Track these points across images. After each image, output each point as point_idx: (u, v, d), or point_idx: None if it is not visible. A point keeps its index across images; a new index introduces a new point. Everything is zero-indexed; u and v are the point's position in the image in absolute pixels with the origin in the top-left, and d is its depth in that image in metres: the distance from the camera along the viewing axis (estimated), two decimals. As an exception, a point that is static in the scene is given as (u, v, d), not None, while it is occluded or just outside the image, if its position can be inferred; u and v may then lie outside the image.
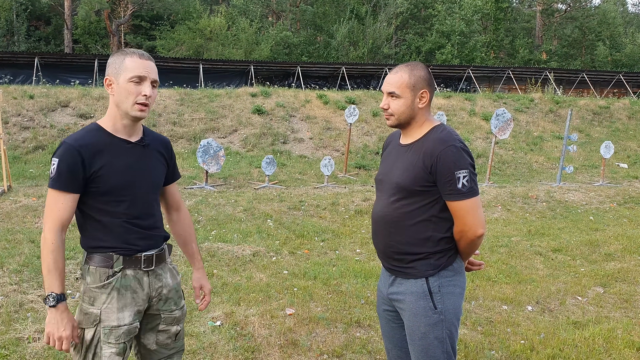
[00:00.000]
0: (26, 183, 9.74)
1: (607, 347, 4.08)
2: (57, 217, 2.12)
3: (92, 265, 2.21)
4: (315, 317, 4.45)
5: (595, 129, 18.33)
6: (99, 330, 2.18)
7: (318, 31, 35.99)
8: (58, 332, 2.12)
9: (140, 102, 2.18)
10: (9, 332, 3.96)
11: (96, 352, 2.18)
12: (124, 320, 2.20)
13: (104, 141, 2.20)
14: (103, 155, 2.17)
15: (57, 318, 2.12)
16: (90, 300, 2.20)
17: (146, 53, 2.24)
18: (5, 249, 6.00)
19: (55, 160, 2.13)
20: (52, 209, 2.13)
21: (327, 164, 10.58)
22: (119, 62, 2.19)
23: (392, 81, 2.37)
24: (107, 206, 2.19)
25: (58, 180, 2.11)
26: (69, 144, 2.13)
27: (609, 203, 9.98)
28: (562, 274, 5.97)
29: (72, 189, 2.13)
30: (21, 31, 32.10)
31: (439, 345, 2.34)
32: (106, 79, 2.22)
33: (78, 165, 2.12)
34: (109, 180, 2.17)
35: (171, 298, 2.39)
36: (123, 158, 2.22)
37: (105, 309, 2.19)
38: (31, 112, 13.93)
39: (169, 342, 2.41)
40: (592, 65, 38.44)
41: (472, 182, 2.26)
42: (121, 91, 2.18)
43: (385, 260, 2.48)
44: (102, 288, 2.20)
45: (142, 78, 2.18)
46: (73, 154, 2.11)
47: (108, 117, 2.25)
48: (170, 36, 32.30)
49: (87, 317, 2.20)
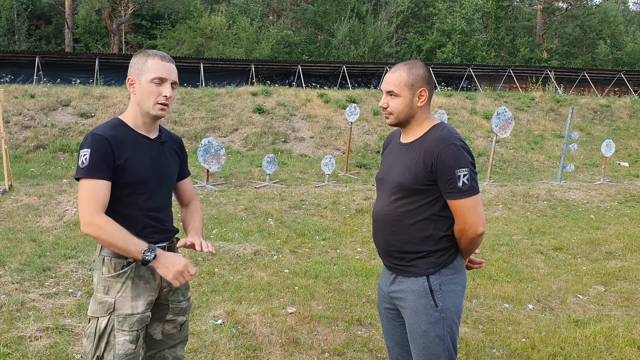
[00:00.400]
0: (27, 182, 9.74)
1: (608, 346, 4.09)
2: (97, 202, 2.16)
3: (106, 255, 2.27)
4: (317, 316, 4.46)
5: (596, 127, 18.32)
6: (113, 319, 2.24)
7: (319, 30, 35.97)
8: (178, 265, 2.19)
9: (160, 102, 2.29)
10: (10, 330, 3.97)
11: (109, 340, 2.24)
12: (137, 309, 2.27)
13: (127, 135, 2.29)
14: (127, 149, 2.26)
15: (165, 260, 2.20)
16: (105, 289, 2.26)
17: (167, 55, 2.33)
18: (6, 248, 6.01)
19: (87, 150, 2.18)
20: (90, 196, 2.16)
21: (328, 163, 10.58)
22: (141, 63, 2.30)
23: (390, 80, 2.38)
24: (128, 198, 2.26)
25: (92, 169, 2.16)
26: (98, 135, 2.20)
27: (609, 202, 9.98)
28: (563, 272, 5.98)
29: (105, 177, 2.18)
30: (22, 30, 32.10)
31: (440, 343, 2.34)
32: (128, 78, 2.33)
33: (109, 154, 2.19)
34: (133, 172, 2.25)
35: (179, 289, 2.46)
36: (144, 153, 2.32)
37: (120, 297, 2.25)
38: (32, 112, 13.94)
39: (174, 332, 2.48)
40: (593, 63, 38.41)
41: (473, 180, 2.27)
42: (143, 91, 2.29)
43: (386, 259, 2.48)
44: (117, 277, 2.25)
45: (163, 79, 2.28)
46: (104, 143, 2.18)
47: (129, 113, 2.35)
48: (171, 35, 32.31)
49: (101, 306, 2.25)
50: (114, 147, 2.21)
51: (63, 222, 7.28)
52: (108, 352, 2.24)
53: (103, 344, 2.24)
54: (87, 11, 32.41)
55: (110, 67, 23.69)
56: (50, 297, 4.66)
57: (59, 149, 12.60)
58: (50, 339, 3.86)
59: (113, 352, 2.23)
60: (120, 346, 2.24)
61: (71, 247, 6.07)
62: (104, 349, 2.24)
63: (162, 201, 2.38)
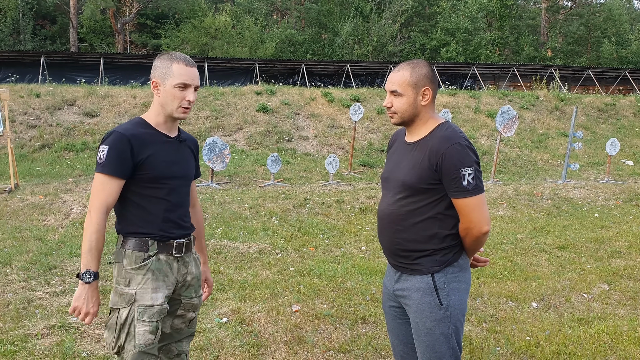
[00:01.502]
0: (33, 181, 9.79)
1: (612, 344, 4.09)
2: (103, 200, 2.28)
3: (128, 248, 2.35)
4: (321, 314, 4.48)
5: (601, 126, 18.27)
6: (134, 310, 2.31)
7: (323, 29, 35.96)
8: (87, 308, 2.28)
9: (184, 106, 2.39)
10: (17, 328, 4.00)
11: (130, 330, 2.30)
12: (157, 300, 2.34)
13: (149, 133, 2.39)
14: (149, 146, 2.35)
15: (89, 294, 2.28)
16: (126, 281, 2.33)
17: (191, 59, 2.42)
18: (13, 246, 6.05)
19: (105, 147, 2.28)
20: (99, 192, 2.28)
21: (332, 162, 10.59)
22: (165, 67, 2.37)
23: (394, 79, 2.39)
24: (150, 193, 2.36)
25: (107, 165, 2.26)
26: (120, 133, 2.30)
27: (614, 200, 9.96)
28: (568, 271, 5.98)
29: (119, 175, 2.28)
30: (27, 30, 32.21)
31: (444, 340, 2.35)
32: (153, 81, 2.40)
33: (127, 153, 2.28)
34: (155, 168, 2.35)
35: (192, 285, 2.53)
36: (165, 150, 2.41)
37: (141, 289, 2.32)
38: (37, 111, 14.00)
39: (182, 327, 2.55)
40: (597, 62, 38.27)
41: (478, 179, 2.28)
42: (167, 95, 2.37)
43: (391, 257, 2.49)
44: (138, 269, 2.34)
45: (187, 85, 2.37)
46: (124, 142, 2.28)
47: (152, 113, 2.44)
48: (175, 35, 32.36)
49: (122, 297, 2.33)
50: (134, 145, 2.30)
51: (69, 220, 7.32)
52: (129, 343, 2.30)
53: (124, 334, 2.31)
54: (92, 11, 32.50)
55: (115, 66, 23.76)
56: (57, 295, 4.69)
57: (64, 148, 12.65)
58: (57, 337, 3.89)
59: (133, 342, 2.30)
60: (140, 336, 2.30)
61: (77, 245, 6.10)
62: (125, 339, 2.31)
63: (181, 197, 2.47)
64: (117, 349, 2.33)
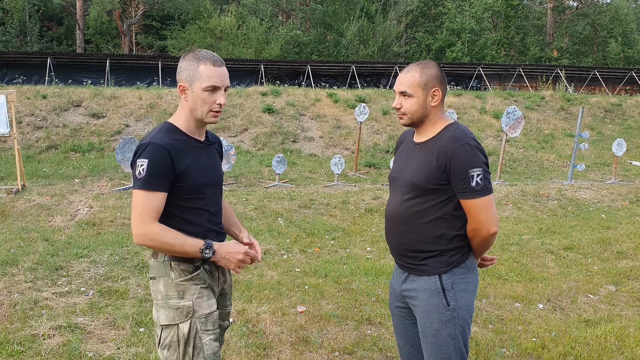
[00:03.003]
0: (40, 182, 9.83)
1: (619, 345, 4.07)
2: (151, 213, 2.12)
3: (173, 261, 2.22)
4: (326, 315, 4.47)
5: (607, 126, 18.20)
6: (195, 321, 2.20)
7: (328, 30, 35.98)
8: (238, 255, 2.23)
9: (214, 110, 2.24)
10: (24, 328, 4.02)
11: (196, 343, 2.20)
12: (213, 307, 2.26)
13: (182, 140, 2.24)
14: (186, 155, 2.22)
15: (224, 252, 2.22)
16: (180, 294, 2.22)
17: (219, 58, 2.24)
18: (19, 247, 6.08)
19: (145, 160, 2.12)
20: (144, 207, 2.12)
21: (337, 163, 10.59)
22: (192, 68, 2.21)
23: (403, 80, 2.38)
24: (190, 203, 2.24)
25: (149, 180, 2.11)
26: (157, 145, 2.14)
27: (621, 201, 9.91)
28: (574, 272, 5.95)
29: (162, 188, 2.14)
30: (34, 32, 32.36)
31: (451, 342, 2.35)
32: (180, 85, 2.24)
33: (168, 165, 2.14)
34: (193, 178, 2.21)
35: (227, 293, 2.49)
36: (200, 157, 2.29)
37: (197, 299, 2.22)
38: (44, 112, 14.06)
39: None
40: (604, 62, 38.14)
41: (486, 180, 2.27)
42: (196, 99, 2.22)
43: (399, 258, 2.49)
44: (190, 280, 2.23)
45: (217, 88, 2.22)
46: (163, 154, 2.13)
47: (181, 118, 2.29)
48: (181, 36, 32.46)
49: (179, 311, 2.21)
50: (174, 156, 2.16)
51: (75, 221, 7.35)
52: (197, 356, 2.20)
53: (191, 348, 2.20)
54: (98, 12, 32.63)
55: (121, 67, 23.85)
56: (63, 296, 4.71)
57: (71, 149, 12.70)
58: (63, 337, 3.90)
59: (202, 354, 2.20)
60: (208, 347, 2.21)
61: (83, 246, 6.12)
62: (193, 353, 2.20)
63: (217, 203, 2.38)
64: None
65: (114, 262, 5.60)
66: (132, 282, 5.10)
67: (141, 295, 4.77)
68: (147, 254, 5.91)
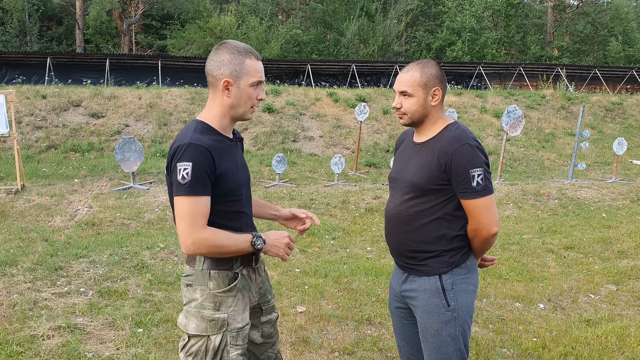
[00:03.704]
0: (39, 182, 9.82)
1: (620, 345, 4.06)
2: (202, 220, 2.02)
3: (212, 269, 2.13)
4: (326, 315, 4.46)
5: (608, 125, 18.18)
6: (227, 335, 2.13)
7: (328, 29, 35.94)
8: (284, 239, 2.20)
9: (255, 106, 2.18)
10: (23, 329, 4.01)
11: (223, 356, 2.13)
12: (245, 320, 2.20)
13: (218, 140, 2.13)
14: (223, 155, 2.11)
15: (271, 240, 2.18)
16: (216, 305, 2.13)
17: (255, 51, 2.17)
18: (19, 247, 6.07)
19: (188, 164, 1.99)
20: (194, 216, 2.00)
21: (338, 162, 10.58)
22: (237, 63, 2.10)
23: (403, 80, 2.37)
24: (229, 207, 2.15)
25: (196, 186, 1.99)
26: (198, 146, 2.01)
27: (621, 200, 9.90)
28: (575, 271, 5.94)
29: (208, 192, 2.03)
30: (33, 31, 32.35)
31: (451, 342, 2.34)
32: (225, 81, 2.10)
33: (211, 167, 2.03)
34: (231, 180, 2.13)
35: (267, 289, 2.43)
36: (233, 157, 2.19)
37: (232, 312, 2.15)
38: (44, 112, 14.05)
39: (272, 330, 2.44)
40: (604, 61, 38.10)
41: (487, 180, 2.26)
42: (241, 95, 2.13)
43: (398, 258, 2.48)
44: (229, 292, 2.15)
45: (260, 82, 2.16)
46: (206, 156, 2.01)
47: (215, 115, 2.17)
48: (181, 35, 32.44)
49: (212, 323, 2.13)
50: (215, 157, 2.04)
51: (74, 221, 7.34)
52: None
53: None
54: (97, 12, 32.61)
55: (121, 67, 23.83)
56: (62, 296, 4.70)
57: (71, 149, 12.69)
58: (63, 338, 3.89)
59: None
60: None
61: (82, 246, 6.11)
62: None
63: (249, 204, 2.30)
64: None
65: (114, 263, 5.59)
66: (132, 282, 5.09)
67: (140, 296, 4.75)
68: (147, 255, 5.90)
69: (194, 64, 23.98)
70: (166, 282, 5.11)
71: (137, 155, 9.43)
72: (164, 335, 4.01)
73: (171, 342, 3.90)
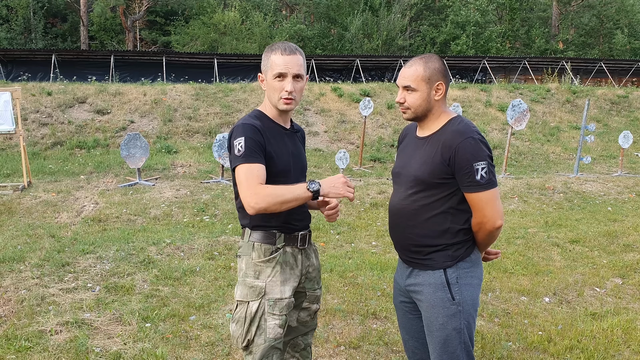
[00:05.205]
0: (46, 179, 9.87)
1: (625, 339, 4.06)
2: (258, 180, 2.18)
3: (256, 241, 2.35)
4: (332, 309, 4.48)
5: (614, 118, 18.09)
6: (264, 303, 2.30)
7: (332, 24, 35.86)
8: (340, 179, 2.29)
9: (284, 97, 2.33)
10: (31, 325, 4.04)
11: (260, 324, 2.29)
12: (285, 294, 2.33)
13: (270, 125, 2.38)
14: (273, 138, 2.34)
15: (328, 183, 2.26)
16: (256, 274, 2.33)
17: (292, 46, 2.34)
18: (26, 243, 6.11)
19: (241, 139, 2.23)
20: (249, 177, 2.18)
21: (342, 157, 10.58)
22: (266, 59, 2.35)
23: (407, 75, 2.37)
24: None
25: (249, 155, 2.20)
26: (249, 124, 2.27)
27: (627, 193, 9.86)
28: (580, 265, 5.94)
29: (261, 161, 2.23)
30: (38, 29, 32.42)
31: (456, 336, 2.35)
32: (259, 75, 2.42)
33: (262, 141, 2.26)
34: (277, 162, 2.31)
35: (315, 277, 2.53)
36: (285, 143, 2.40)
37: (270, 282, 2.32)
38: (49, 109, 14.09)
39: (308, 319, 2.55)
40: (610, 54, 37.86)
41: (491, 173, 2.27)
42: (269, 87, 2.36)
43: (403, 253, 2.49)
44: (267, 262, 2.33)
45: (283, 75, 2.31)
46: (256, 131, 2.26)
47: (267, 105, 2.43)
48: (185, 31, 32.42)
49: (252, 290, 2.32)
50: (265, 136, 2.28)
51: (81, 217, 7.38)
52: (259, 337, 2.29)
53: (254, 327, 2.29)
54: (102, 8, 32.63)
55: (126, 63, 23.85)
56: (70, 292, 4.73)
57: (76, 146, 12.73)
58: (70, 333, 3.93)
59: (264, 336, 2.29)
60: (270, 330, 2.29)
61: (89, 242, 6.15)
62: (255, 332, 2.29)
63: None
64: (247, 342, 2.30)
65: (120, 258, 5.63)
66: (138, 277, 5.12)
67: (147, 291, 4.78)
68: (153, 250, 5.93)
69: (198, 60, 23.98)
70: (172, 278, 5.14)
71: (142, 152, 9.47)
72: (170, 330, 4.04)
73: (178, 336, 3.93)
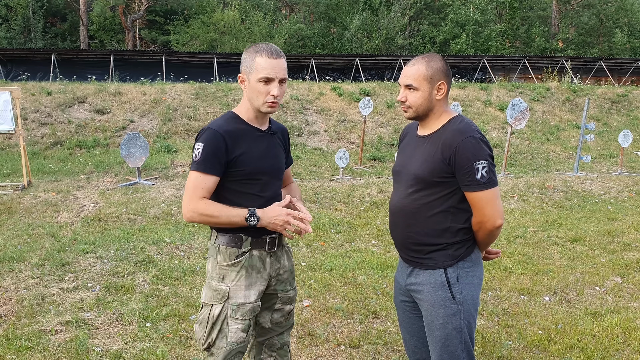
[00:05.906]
0: (45, 178, 9.87)
1: (625, 337, 4.06)
2: (200, 192, 2.26)
3: (222, 244, 2.36)
4: (332, 309, 4.48)
5: (613, 117, 18.09)
6: (227, 307, 2.32)
7: (332, 23, 35.84)
8: (281, 216, 2.29)
9: (269, 101, 2.32)
10: (32, 324, 4.04)
11: (222, 327, 2.31)
12: (250, 298, 2.34)
13: (242, 128, 2.37)
14: (243, 142, 2.33)
15: (268, 217, 2.29)
16: (220, 277, 2.35)
17: (276, 49, 2.33)
18: (26, 243, 6.11)
19: (201, 144, 2.27)
20: (195, 188, 2.26)
21: (342, 156, 10.58)
22: (250, 60, 2.32)
23: (409, 73, 2.37)
24: (244, 189, 2.34)
25: (203, 163, 2.25)
26: (214, 130, 2.28)
27: (627, 192, 9.87)
28: (580, 264, 5.94)
29: (214, 172, 2.27)
30: (38, 28, 32.39)
31: (457, 335, 2.35)
32: (239, 76, 2.38)
33: (222, 150, 2.26)
34: (247, 164, 2.32)
35: (287, 279, 2.53)
36: (258, 145, 2.39)
37: (234, 286, 2.33)
38: (49, 108, 14.09)
39: (282, 320, 2.55)
40: (609, 52, 37.85)
41: (491, 172, 2.27)
42: (252, 90, 2.33)
43: (403, 252, 2.49)
44: (232, 266, 2.35)
45: (270, 79, 2.30)
46: (218, 139, 2.27)
47: (242, 107, 2.42)
48: (185, 31, 32.38)
49: (216, 293, 2.34)
50: (229, 141, 2.28)
51: (81, 217, 7.37)
52: (220, 340, 2.32)
53: (216, 331, 2.31)
54: (101, 8, 32.61)
55: (125, 63, 23.84)
56: (70, 292, 4.73)
57: (76, 145, 12.74)
58: (70, 333, 3.93)
59: (225, 339, 2.31)
60: (232, 334, 2.31)
61: (89, 242, 6.15)
62: (217, 336, 2.31)
63: (274, 191, 2.44)
64: (208, 344, 2.33)
65: (120, 258, 5.63)
66: (139, 277, 5.13)
67: (147, 291, 4.79)
68: (153, 250, 5.94)
69: (197, 59, 23.96)
70: (172, 277, 5.14)
71: (142, 151, 9.47)
72: (171, 329, 4.04)
73: (178, 336, 3.93)
